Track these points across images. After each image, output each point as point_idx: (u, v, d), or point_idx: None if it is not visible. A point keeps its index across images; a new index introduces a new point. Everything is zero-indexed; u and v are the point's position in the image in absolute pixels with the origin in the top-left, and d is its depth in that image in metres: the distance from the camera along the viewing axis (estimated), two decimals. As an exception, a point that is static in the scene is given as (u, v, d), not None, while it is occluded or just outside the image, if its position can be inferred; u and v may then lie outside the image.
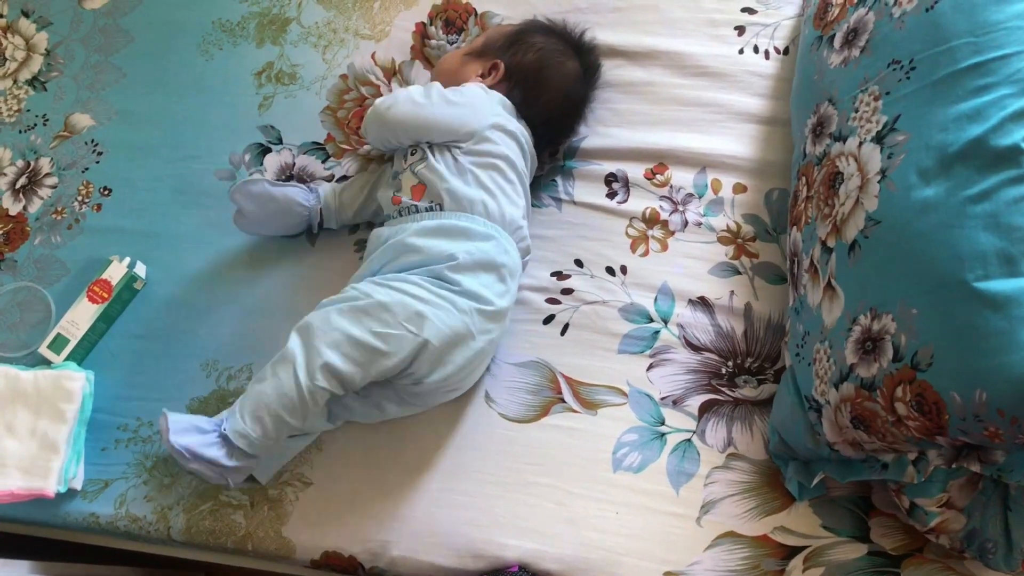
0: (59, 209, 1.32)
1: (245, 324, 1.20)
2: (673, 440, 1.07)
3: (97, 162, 1.35)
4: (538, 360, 1.13)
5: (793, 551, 1.00)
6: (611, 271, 1.18)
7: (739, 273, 1.16)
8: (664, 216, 1.20)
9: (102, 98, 1.41)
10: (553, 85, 1.19)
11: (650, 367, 1.12)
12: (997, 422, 0.75)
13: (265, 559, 1.09)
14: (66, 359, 1.18)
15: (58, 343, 1.18)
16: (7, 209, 1.33)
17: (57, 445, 1.10)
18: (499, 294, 1.06)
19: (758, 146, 1.23)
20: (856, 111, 0.97)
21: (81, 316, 1.19)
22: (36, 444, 1.11)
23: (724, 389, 1.10)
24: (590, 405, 1.10)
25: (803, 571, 0.99)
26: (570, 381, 1.12)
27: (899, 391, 0.82)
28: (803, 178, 1.07)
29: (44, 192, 1.34)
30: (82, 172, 1.35)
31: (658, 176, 1.23)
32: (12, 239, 1.31)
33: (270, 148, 1.33)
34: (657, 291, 1.16)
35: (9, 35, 1.49)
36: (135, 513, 1.10)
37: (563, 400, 1.11)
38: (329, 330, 1.00)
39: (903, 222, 0.85)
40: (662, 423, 1.08)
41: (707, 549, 1.01)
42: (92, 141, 1.37)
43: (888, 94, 0.93)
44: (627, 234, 1.20)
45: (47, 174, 1.35)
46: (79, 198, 1.33)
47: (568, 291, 1.17)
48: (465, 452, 1.09)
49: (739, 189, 1.21)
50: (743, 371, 1.11)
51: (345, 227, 1.25)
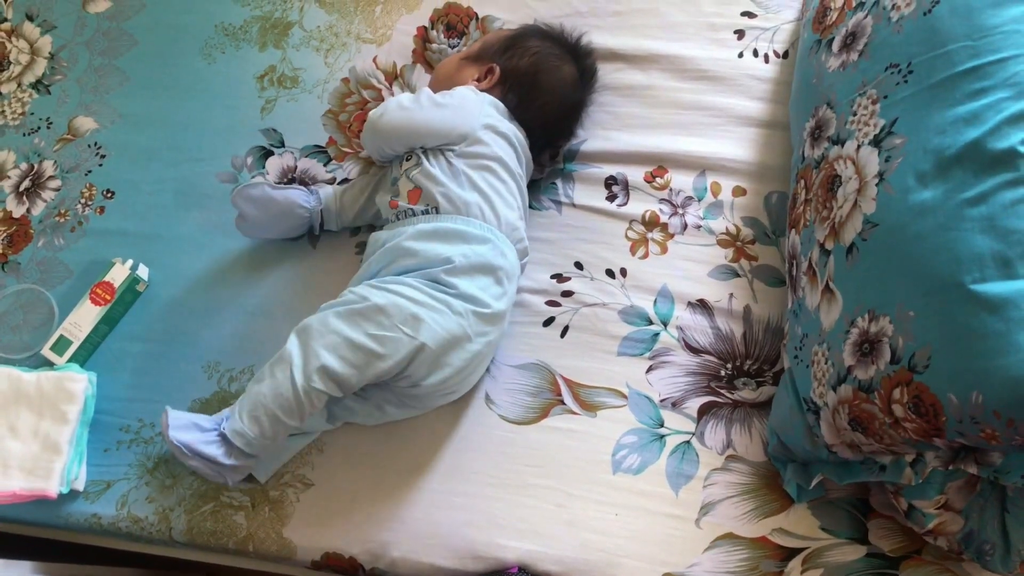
0: (62, 212, 1.33)
1: (247, 326, 1.20)
2: (672, 442, 1.08)
3: (100, 165, 1.36)
4: (538, 362, 1.14)
5: (792, 553, 1.00)
6: (611, 274, 1.18)
7: (738, 276, 1.17)
8: (664, 219, 1.21)
9: (105, 101, 1.41)
10: (548, 89, 1.20)
11: (649, 369, 1.12)
12: (994, 424, 0.75)
13: (266, 560, 1.10)
14: (69, 361, 1.18)
15: (61, 345, 1.19)
16: (11, 211, 1.34)
17: (59, 446, 1.10)
18: (496, 296, 1.06)
19: (757, 149, 1.24)
20: (854, 114, 0.98)
21: (84, 318, 1.20)
22: (38, 445, 1.11)
23: (723, 391, 1.10)
24: (590, 407, 1.10)
25: (801, 573, 0.99)
26: (570, 383, 1.12)
27: (896, 393, 0.82)
28: (802, 181, 1.07)
29: (47, 195, 1.35)
30: (85, 175, 1.35)
31: (658, 179, 1.23)
32: (15, 241, 1.31)
33: (272, 151, 1.33)
34: (657, 294, 1.16)
35: (13, 39, 1.50)
36: (137, 514, 1.10)
37: (563, 402, 1.11)
38: (326, 332, 1.01)
39: (900, 225, 0.85)
40: (661, 425, 1.09)
41: (706, 550, 1.01)
42: (95, 144, 1.38)
43: (886, 98, 0.94)
44: (627, 237, 1.21)
45: (50, 177, 1.36)
46: (82, 201, 1.33)
47: (568, 293, 1.18)
48: (465, 454, 1.09)
49: (738, 192, 1.21)
50: (742, 373, 1.11)
51: (346, 229, 1.25)
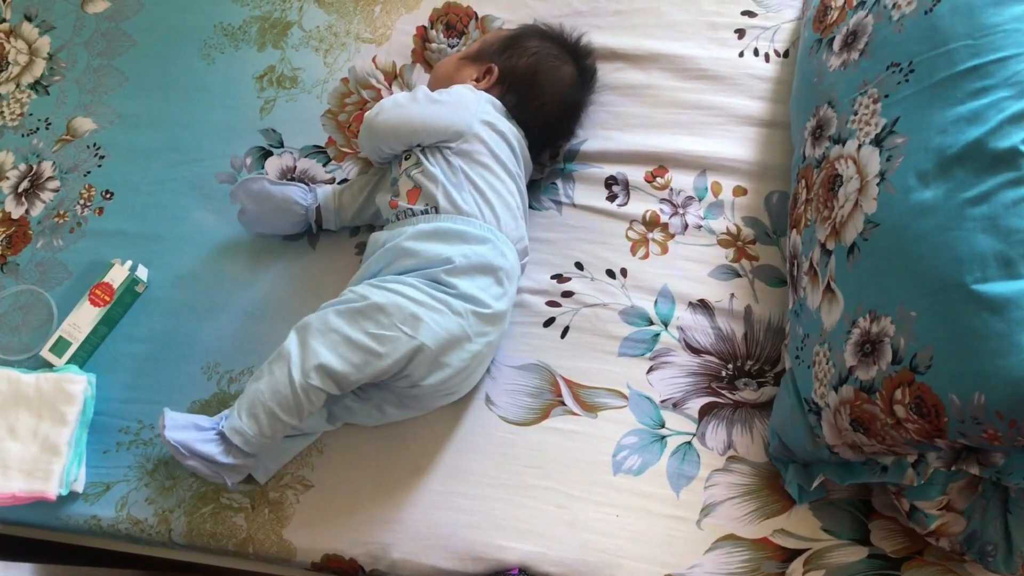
0: (61, 212, 1.33)
1: (246, 327, 1.20)
2: (673, 443, 1.07)
3: (99, 166, 1.36)
4: (538, 363, 1.14)
5: (793, 554, 1.00)
6: (611, 274, 1.18)
7: (739, 276, 1.16)
8: (664, 219, 1.21)
9: (104, 102, 1.41)
10: (547, 89, 1.19)
11: (650, 370, 1.12)
12: (996, 424, 0.75)
13: (266, 562, 1.10)
14: (68, 362, 1.18)
15: (60, 346, 1.19)
16: (9, 213, 1.34)
17: (59, 448, 1.10)
18: (496, 297, 1.06)
19: (758, 149, 1.23)
20: (855, 114, 0.97)
21: (83, 319, 1.20)
22: (38, 447, 1.11)
23: (724, 392, 1.10)
24: (590, 408, 1.10)
25: (803, 574, 0.99)
26: (570, 384, 1.12)
27: (898, 394, 0.82)
28: (803, 181, 1.07)
29: (46, 196, 1.34)
30: (84, 176, 1.35)
31: (658, 179, 1.23)
32: (14, 242, 1.31)
33: (271, 152, 1.33)
34: (657, 294, 1.16)
35: (12, 39, 1.49)
36: (136, 516, 1.10)
37: (563, 403, 1.11)
38: (326, 330, 1.01)
39: (902, 225, 0.85)
40: (662, 426, 1.08)
41: (707, 552, 1.01)
42: (94, 145, 1.38)
43: (887, 97, 0.93)
44: (627, 237, 1.20)
45: (49, 178, 1.36)
46: (81, 201, 1.33)
47: (568, 294, 1.17)
48: (465, 455, 1.09)
49: (739, 192, 1.21)
50: (743, 374, 1.11)
51: (345, 229, 1.25)
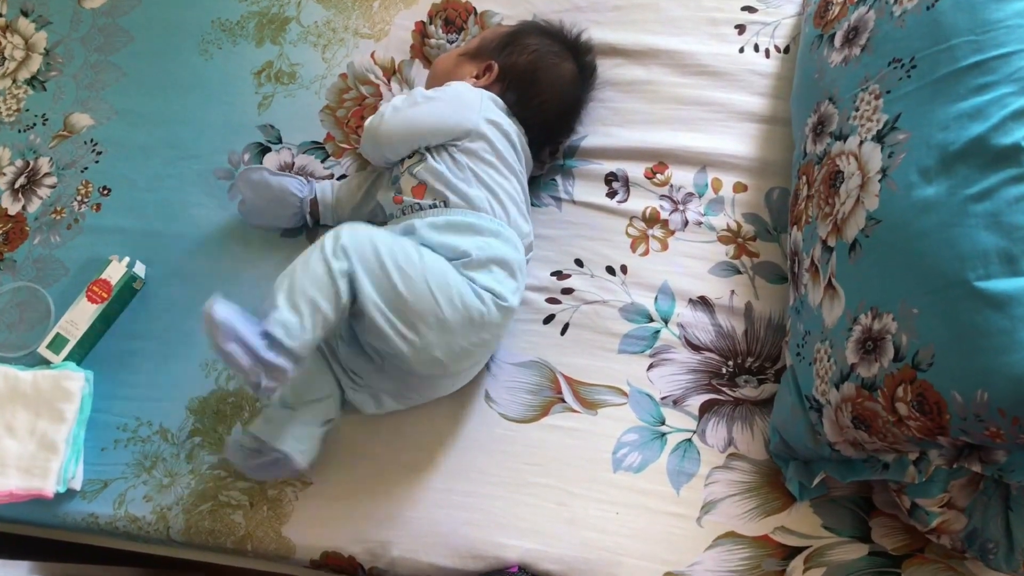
0: (58, 209, 1.32)
1: (244, 324, 1.20)
2: (673, 440, 1.07)
3: (96, 162, 1.35)
4: (538, 360, 1.13)
5: (794, 551, 1.00)
6: (611, 271, 1.18)
7: (739, 272, 1.16)
8: (664, 215, 1.20)
9: (101, 98, 1.40)
10: (547, 86, 1.19)
11: (650, 367, 1.11)
12: (998, 422, 0.75)
13: (265, 559, 1.09)
14: (65, 359, 1.18)
15: (57, 343, 1.18)
16: (6, 209, 1.33)
17: (56, 445, 1.10)
18: (512, 291, 1.05)
19: (758, 145, 1.23)
20: (857, 110, 0.97)
21: (80, 316, 1.19)
22: (35, 444, 1.11)
23: (725, 389, 1.10)
24: (590, 405, 1.10)
25: (804, 571, 0.99)
26: (570, 381, 1.12)
27: (900, 391, 0.82)
28: (803, 177, 1.06)
29: (43, 192, 1.34)
30: (81, 172, 1.35)
31: (658, 175, 1.23)
32: (11, 239, 1.31)
33: (269, 147, 1.32)
34: (657, 291, 1.15)
35: (8, 34, 1.49)
36: (134, 513, 1.10)
37: (563, 400, 1.11)
38: (371, 259, 0.98)
39: (904, 221, 0.85)
40: (662, 423, 1.08)
41: (708, 549, 1.01)
42: (91, 141, 1.37)
43: (889, 93, 0.93)
44: (627, 233, 1.20)
45: (46, 174, 1.35)
46: (78, 198, 1.32)
47: (568, 291, 1.17)
48: (465, 452, 1.08)
49: (739, 188, 1.21)
50: (744, 371, 1.11)
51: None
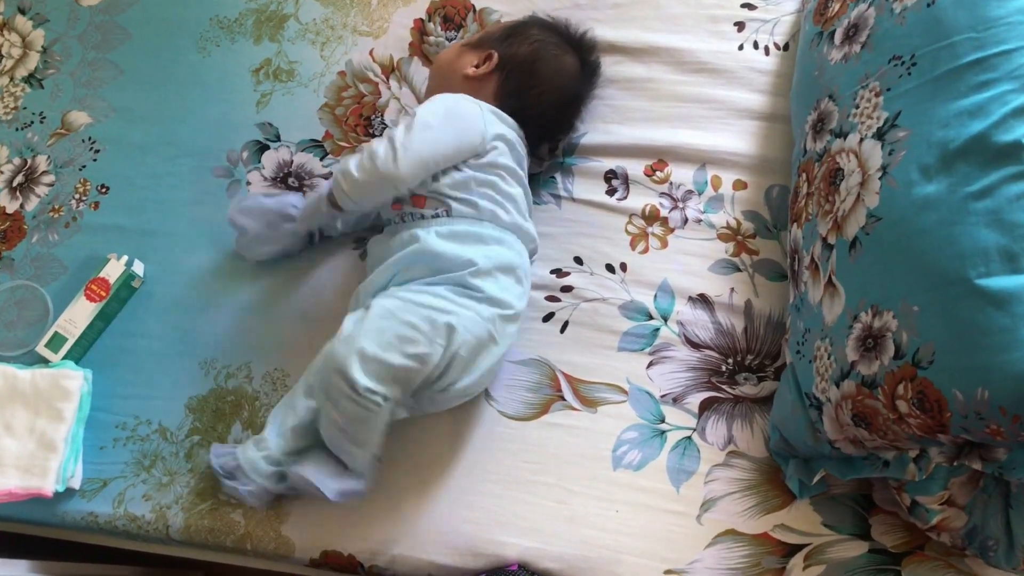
0: (56, 207, 1.32)
1: (244, 322, 1.19)
2: (673, 438, 1.07)
3: (94, 160, 1.35)
4: (538, 358, 1.13)
5: (794, 549, 1.00)
6: (611, 268, 1.17)
7: (739, 270, 1.16)
8: (664, 213, 1.20)
9: (99, 95, 1.40)
10: (546, 78, 1.18)
11: (650, 364, 1.11)
12: (999, 420, 0.75)
13: (264, 558, 1.09)
14: (64, 358, 1.18)
15: (56, 342, 1.18)
16: (4, 207, 1.33)
17: (55, 444, 1.09)
18: (518, 296, 1.06)
19: (758, 142, 1.23)
20: (857, 107, 0.97)
21: (79, 314, 1.19)
22: (34, 443, 1.10)
23: (724, 386, 1.09)
24: (590, 403, 1.10)
25: (804, 569, 0.99)
26: (570, 379, 1.12)
27: (900, 389, 0.82)
28: (803, 174, 1.06)
29: (41, 190, 1.33)
30: (79, 170, 1.34)
31: (658, 173, 1.23)
32: (9, 237, 1.30)
33: (268, 145, 1.32)
34: (657, 288, 1.15)
35: (5, 32, 1.48)
36: (133, 512, 1.10)
37: (563, 398, 1.10)
38: (366, 358, 0.96)
39: (904, 219, 0.85)
40: (662, 421, 1.08)
41: (707, 547, 1.01)
42: (89, 139, 1.36)
43: (889, 90, 0.93)
44: (627, 231, 1.20)
45: (44, 172, 1.35)
46: (76, 196, 1.32)
47: (568, 288, 1.17)
48: (465, 450, 1.08)
49: (739, 186, 1.21)
50: (743, 368, 1.10)
51: (346, 234, 1.23)
